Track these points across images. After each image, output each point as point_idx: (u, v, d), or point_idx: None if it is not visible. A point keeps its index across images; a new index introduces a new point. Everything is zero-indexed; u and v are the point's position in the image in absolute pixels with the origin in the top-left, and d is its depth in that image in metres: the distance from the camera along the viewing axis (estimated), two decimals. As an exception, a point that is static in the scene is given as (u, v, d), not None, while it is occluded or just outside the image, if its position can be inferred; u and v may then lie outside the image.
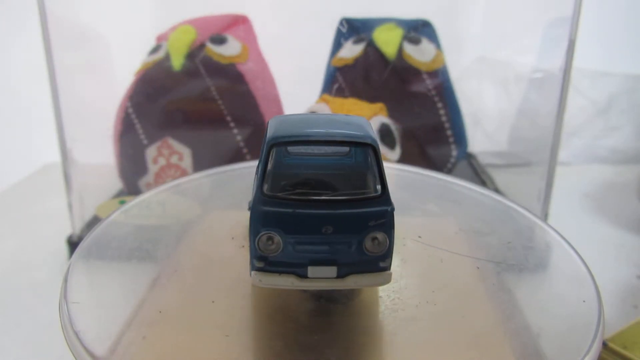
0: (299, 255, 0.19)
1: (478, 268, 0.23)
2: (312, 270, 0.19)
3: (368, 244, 0.19)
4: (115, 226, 0.28)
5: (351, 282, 0.19)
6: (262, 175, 0.19)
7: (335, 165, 0.21)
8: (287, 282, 0.19)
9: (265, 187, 0.19)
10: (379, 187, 0.19)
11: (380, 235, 0.19)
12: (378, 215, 0.18)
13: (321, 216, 0.18)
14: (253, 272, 0.19)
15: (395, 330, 0.21)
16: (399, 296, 0.22)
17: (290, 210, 0.18)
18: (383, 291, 0.23)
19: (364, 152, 0.21)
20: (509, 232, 0.28)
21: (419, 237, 0.25)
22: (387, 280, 0.19)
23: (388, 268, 0.19)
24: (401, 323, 0.21)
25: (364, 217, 0.18)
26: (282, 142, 0.19)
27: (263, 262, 0.19)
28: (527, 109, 0.59)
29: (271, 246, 0.19)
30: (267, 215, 0.19)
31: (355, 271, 0.19)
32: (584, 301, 0.23)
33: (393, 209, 0.19)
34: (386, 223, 0.19)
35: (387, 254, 0.19)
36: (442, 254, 0.25)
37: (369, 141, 0.19)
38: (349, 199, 0.19)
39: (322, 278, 0.19)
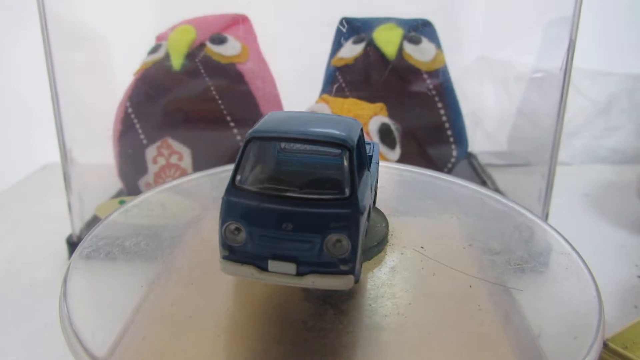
0: (261, 248, 0.19)
1: (470, 287, 0.22)
2: (272, 265, 0.19)
3: (329, 245, 0.18)
4: (115, 226, 0.28)
5: (309, 281, 0.19)
6: (236, 167, 0.20)
7: (319, 164, 0.22)
8: (247, 273, 0.19)
9: (237, 179, 0.20)
10: (347, 189, 0.19)
11: (341, 238, 0.18)
12: (338, 217, 0.18)
13: (281, 212, 0.19)
14: (219, 259, 0.20)
15: (394, 331, 0.21)
16: (395, 294, 0.22)
17: (254, 203, 0.19)
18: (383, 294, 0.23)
19: (340, 153, 0.20)
20: (509, 232, 0.28)
21: (422, 247, 0.25)
22: (348, 285, 0.19)
23: (350, 272, 0.19)
24: (400, 323, 0.21)
25: (323, 218, 0.18)
26: (258, 138, 0.20)
27: (228, 250, 0.19)
28: (527, 109, 0.59)
29: (236, 236, 0.19)
30: (232, 205, 0.19)
31: (315, 271, 0.19)
32: (584, 301, 0.23)
33: (359, 213, 0.18)
34: (348, 226, 0.18)
35: (350, 258, 0.19)
36: (438, 268, 0.25)
37: (342, 142, 0.19)
38: (312, 198, 0.19)
39: (281, 273, 0.19)
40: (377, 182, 0.26)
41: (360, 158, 0.21)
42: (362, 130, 0.21)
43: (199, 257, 0.26)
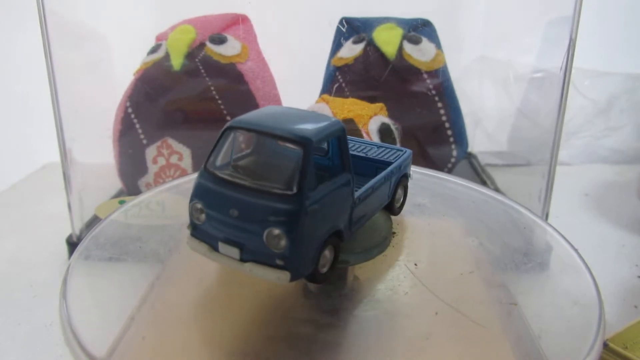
0: (214, 229, 0.20)
1: (436, 314, 0.22)
2: (221, 246, 0.20)
3: (269, 238, 0.19)
4: (115, 226, 0.28)
5: (248, 268, 0.19)
6: (210, 152, 0.21)
7: (286, 158, 0.21)
8: (202, 250, 0.20)
9: (209, 162, 0.21)
10: (295, 186, 0.19)
11: (280, 233, 0.18)
12: (278, 212, 0.19)
13: (229, 198, 0.19)
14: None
15: (393, 330, 0.21)
16: (397, 288, 0.22)
17: (211, 186, 0.20)
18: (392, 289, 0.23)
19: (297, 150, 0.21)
20: (510, 232, 0.28)
21: (415, 264, 0.25)
22: (282, 280, 0.19)
23: (286, 268, 0.19)
24: (399, 322, 0.21)
25: (264, 210, 0.19)
26: (231, 127, 0.21)
27: (193, 228, 0.21)
28: (527, 109, 0.59)
29: (199, 215, 0.20)
30: (197, 186, 0.20)
31: (255, 260, 0.19)
32: (584, 301, 0.23)
33: (302, 211, 0.18)
34: (288, 223, 0.18)
35: (287, 254, 0.19)
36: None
37: (299, 139, 0.19)
38: (261, 189, 0.19)
39: (227, 256, 0.20)
40: (403, 190, 0.27)
41: (336, 159, 0.21)
42: (342, 131, 0.21)
43: (198, 257, 0.26)
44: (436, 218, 0.30)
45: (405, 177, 0.27)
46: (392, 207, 0.27)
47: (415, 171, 0.35)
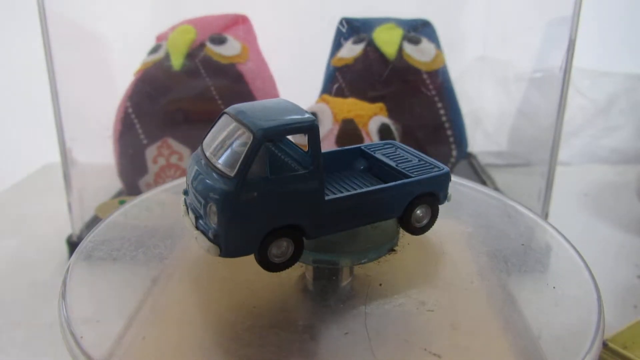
0: (188, 196, 0.23)
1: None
2: (190, 213, 0.22)
3: (209, 212, 0.21)
4: (115, 226, 0.28)
5: (195, 235, 0.22)
6: (206, 133, 0.24)
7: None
8: (182, 211, 0.23)
9: (204, 141, 0.23)
10: (236, 170, 0.20)
11: (215, 210, 0.20)
12: (214, 190, 0.20)
13: (196, 172, 0.22)
14: None
15: (391, 329, 0.21)
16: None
17: (194, 159, 0.23)
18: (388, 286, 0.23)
19: None
20: (509, 231, 0.28)
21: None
22: (211, 253, 0.21)
23: (217, 243, 0.20)
24: (395, 322, 0.21)
25: (208, 186, 0.21)
26: (224, 112, 0.23)
27: (184, 193, 0.24)
28: (527, 109, 0.59)
29: (187, 182, 0.23)
30: (191, 158, 0.23)
31: (201, 229, 0.21)
32: (584, 301, 0.23)
33: (234, 194, 0.20)
34: (219, 201, 0.20)
35: (217, 231, 0.20)
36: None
37: (250, 128, 0.21)
38: (214, 167, 0.21)
39: (190, 222, 0.22)
40: (428, 210, 0.25)
41: (288, 155, 0.22)
42: (310, 129, 0.21)
43: (198, 257, 0.26)
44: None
45: (433, 196, 0.25)
46: (408, 226, 0.25)
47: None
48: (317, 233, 0.22)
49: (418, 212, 0.25)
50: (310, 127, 0.21)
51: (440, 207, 0.25)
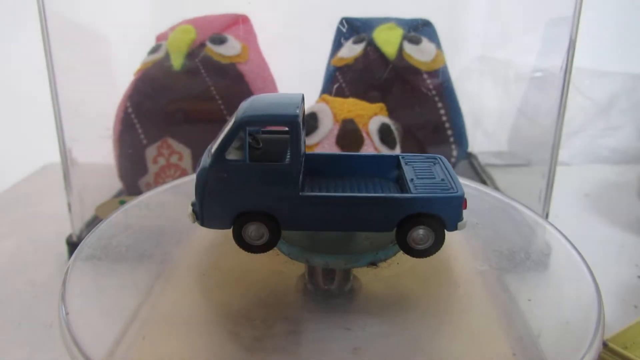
0: None
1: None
2: None
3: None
4: (115, 226, 0.28)
5: (191, 202, 0.23)
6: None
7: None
8: None
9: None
10: (214, 150, 0.22)
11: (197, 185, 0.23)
12: (200, 164, 0.23)
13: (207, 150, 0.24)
14: None
15: (390, 329, 0.21)
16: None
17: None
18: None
19: None
20: (510, 231, 0.28)
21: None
22: (191, 220, 0.23)
23: (193, 210, 0.23)
24: (397, 321, 0.21)
25: (201, 161, 0.23)
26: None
27: None
28: (527, 109, 0.59)
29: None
30: None
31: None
32: (584, 301, 0.23)
33: (206, 172, 0.22)
34: (198, 178, 0.22)
35: (194, 202, 0.23)
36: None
37: (237, 119, 0.22)
38: (212, 146, 0.23)
39: None
40: (429, 233, 0.23)
41: (268, 146, 0.23)
42: (290, 123, 0.22)
43: (198, 257, 0.26)
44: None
45: (436, 219, 0.22)
46: (404, 245, 0.23)
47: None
48: (291, 226, 0.23)
49: (417, 233, 0.23)
50: (290, 121, 0.22)
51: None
